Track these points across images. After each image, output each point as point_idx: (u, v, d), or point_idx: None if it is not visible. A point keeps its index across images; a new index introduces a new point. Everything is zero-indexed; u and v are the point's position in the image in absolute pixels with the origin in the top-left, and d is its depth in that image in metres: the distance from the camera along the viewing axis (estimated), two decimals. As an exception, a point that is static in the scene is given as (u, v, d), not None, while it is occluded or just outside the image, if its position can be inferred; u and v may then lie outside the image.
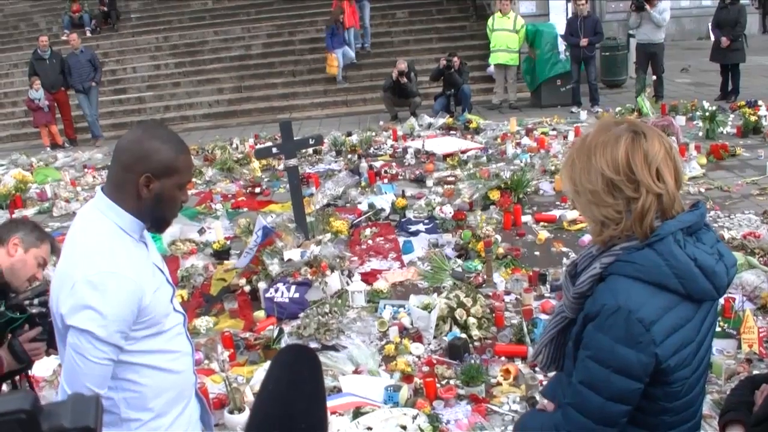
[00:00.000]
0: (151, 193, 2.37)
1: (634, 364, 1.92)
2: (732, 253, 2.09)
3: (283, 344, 5.16)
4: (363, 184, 9.86)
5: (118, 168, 2.40)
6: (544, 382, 3.07)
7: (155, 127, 2.49)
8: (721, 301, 5.34)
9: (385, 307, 5.97)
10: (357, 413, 4.18)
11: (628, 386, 1.95)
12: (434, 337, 5.51)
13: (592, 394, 1.97)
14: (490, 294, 6.11)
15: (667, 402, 2.00)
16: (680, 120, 11.77)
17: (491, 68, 16.13)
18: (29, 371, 3.29)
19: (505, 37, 15.20)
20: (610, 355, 1.93)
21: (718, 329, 5.08)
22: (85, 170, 12.49)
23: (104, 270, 2.28)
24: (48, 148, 15.12)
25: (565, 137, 11.66)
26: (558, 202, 8.50)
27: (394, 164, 10.98)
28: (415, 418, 4.12)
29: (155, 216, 2.45)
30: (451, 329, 5.50)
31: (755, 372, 4.60)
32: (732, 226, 7.39)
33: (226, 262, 7.37)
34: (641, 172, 1.94)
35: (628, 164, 1.94)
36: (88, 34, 20.46)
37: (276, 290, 6.17)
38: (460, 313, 5.53)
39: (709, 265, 1.98)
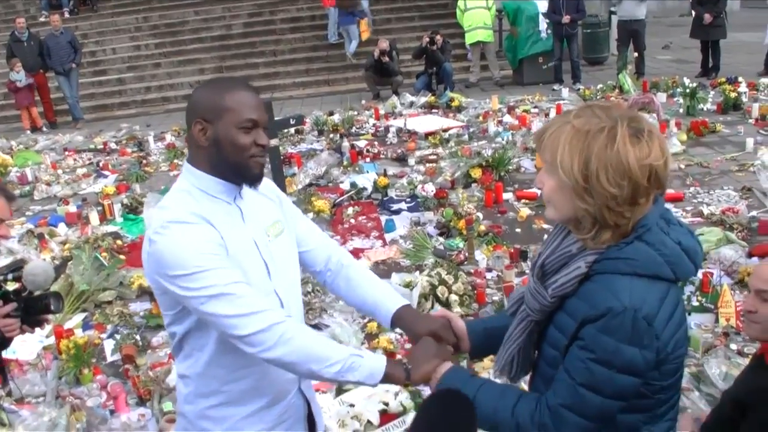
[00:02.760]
0: (208, 140, 2.22)
1: (640, 363, 1.88)
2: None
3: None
4: (345, 163, 9.85)
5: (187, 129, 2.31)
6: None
7: (212, 78, 2.36)
8: (699, 275, 5.41)
9: (367, 286, 5.98)
10: (340, 390, 4.22)
11: (631, 383, 1.91)
12: (416, 315, 5.54)
13: (593, 395, 1.91)
14: (472, 271, 6.14)
15: (664, 381, 1.96)
16: (661, 97, 11.82)
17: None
18: (4, 350, 3.20)
19: (480, 15, 15.28)
20: (614, 356, 1.87)
21: (695, 303, 5.14)
22: (66, 153, 12.40)
23: (168, 219, 2.17)
24: (28, 131, 14.98)
25: (547, 115, 11.69)
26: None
27: (376, 143, 10.98)
28: (397, 394, 4.15)
29: (226, 166, 2.24)
30: (433, 306, 5.54)
31: (732, 345, 4.66)
32: (711, 201, 7.46)
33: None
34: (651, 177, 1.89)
35: (653, 169, 1.87)
36: (67, 15, 20.19)
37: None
38: (441, 291, 5.56)
39: (692, 246, 1.98)
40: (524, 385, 2.79)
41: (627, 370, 1.87)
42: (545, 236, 6.85)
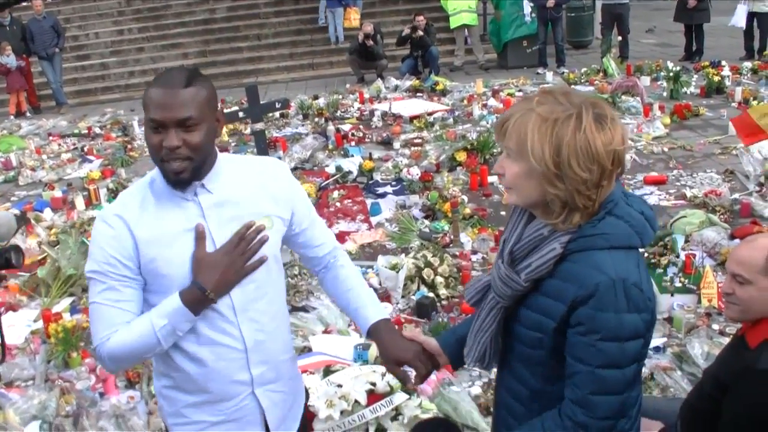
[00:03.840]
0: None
1: (641, 327, 1.95)
2: None
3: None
4: (330, 147, 9.87)
5: None
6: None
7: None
8: (682, 257, 5.48)
9: (353, 268, 6.02)
10: (327, 371, 4.24)
11: (640, 346, 1.97)
12: (402, 297, 5.58)
13: (614, 371, 1.96)
14: (457, 254, 6.18)
15: (650, 334, 2.06)
16: (645, 80, 11.88)
17: None
18: None
19: None
20: (619, 329, 1.92)
21: (678, 284, 5.21)
22: (50, 138, 12.32)
23: (100, 213, 2.26)
24: (12, 117, 14.87)
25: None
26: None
27: (361, 127, 10.97)
28: (384, 375, 4.18)
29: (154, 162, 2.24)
30: (418, 288, 5.58)
31: (714, 326, 4.73)
32: (694, 184, 7.52)
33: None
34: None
35: (617, 154, 1.95)
36: (49, -1, 20.05)
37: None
38: (427, 273, 5.60)
39: (651, 214, 2.06)
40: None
41: (633, 336, 1.94)
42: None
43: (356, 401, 3.79)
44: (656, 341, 4.64)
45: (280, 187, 2.42)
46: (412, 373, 2.53)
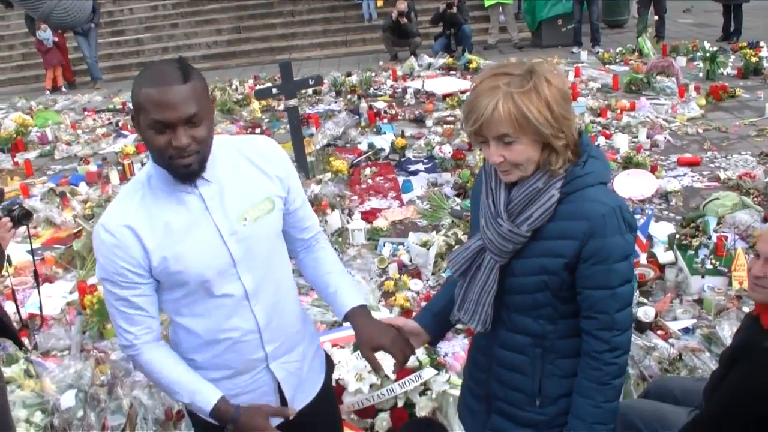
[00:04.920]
0: (140, 136, 2.16)
1: (633, 242, 2.22)
2: None
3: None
4: (363, 124, 9.88)
5: None
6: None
7: (151, 63, 2.24)
8: (714, 239, 5.44)
9: (384, 245, 6.06)
10: (356, 346, 4.29)
11: (632, 258, 2.25)
12: (432, 274, 5.61)
13: (626, 286, 2.20)
14: (488, 232, 6.18)
15: None
16: (681, 61, 11.74)
17: None
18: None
19: None
20: (624, 248, 2.16)
21: (709, 266, 5.18)
22: (85, 113, 12.48)
23: (99, 220, 2.27)
24: (47, 92, 15.05)
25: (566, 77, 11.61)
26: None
27: (393, 104, 10.98)
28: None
29: (157, 163, 2.20)
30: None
31: (744, 308, 4.70)
32: (728, 166, 7.44)
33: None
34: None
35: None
36: (85, -26, 20.14)
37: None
38: (458, 251, 5.62)
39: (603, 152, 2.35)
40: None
41: (631, 252, 2.21)
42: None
43: (385, 375, 3.83)
44: (685, 322, 4.64)
45: (274, 166, 2.41)
46: (390, 361, 2.59)
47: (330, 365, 2.85)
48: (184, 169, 2.14)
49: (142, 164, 8.75)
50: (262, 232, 2.35)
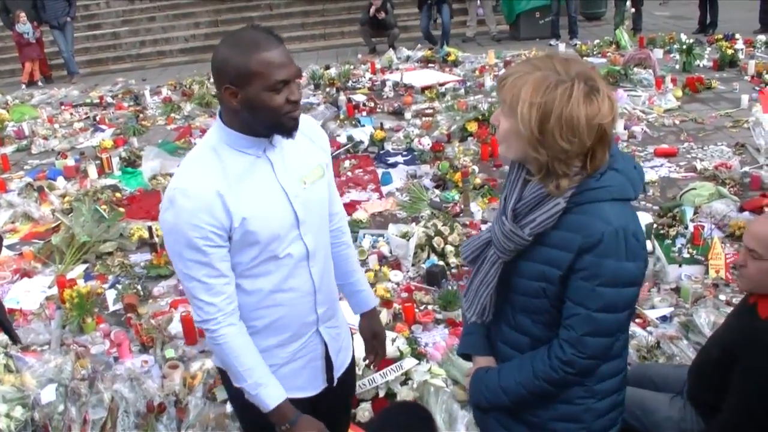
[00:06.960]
0: (240, 103, 2.21)
1: (638, 274, 2.11)
2: None
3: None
4: (342, 117, 9.88)
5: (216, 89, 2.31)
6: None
7: (234, 32, 2.33)
8: (691, 228, 5.50)
9: (364, 237, 6.07)
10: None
11: (634, 293, 2.15)
12: (412, 265, 5.64)
13: (609, 315, 2.11)
14: (467, 223, 6.22)
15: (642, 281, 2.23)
16: (658, 53, 11.79)
17: None
18: None
19: None
20: (618, 275, 2.06)
21: (686, 255, 5.23)
22: (62, 107, 12.37)
23: (174, 186, 2.26)
24: (24, 86, 14.91)
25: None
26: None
27: (372, 97, 10.97)
28: (394, 340, 4.25)
29: (261, 125, 2.26)
30: (429, 257, 5.62)
31: (721, 296, 4.75)
32: (705, 157, 7.50)
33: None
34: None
35: (602, 127, 2.05)
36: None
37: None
38: (437, 242, 5.64)
39: (640, 168, 2.22)
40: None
41: (630, 283, 2.09)
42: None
43: (366, 365, 3.85)
44: (663, 311, 4.69)
45: (320, 137, 2.56)
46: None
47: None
48: (294, 122, 2.27)
49: (120, 158, 8.74)
50: (317, 196, 2.47)
